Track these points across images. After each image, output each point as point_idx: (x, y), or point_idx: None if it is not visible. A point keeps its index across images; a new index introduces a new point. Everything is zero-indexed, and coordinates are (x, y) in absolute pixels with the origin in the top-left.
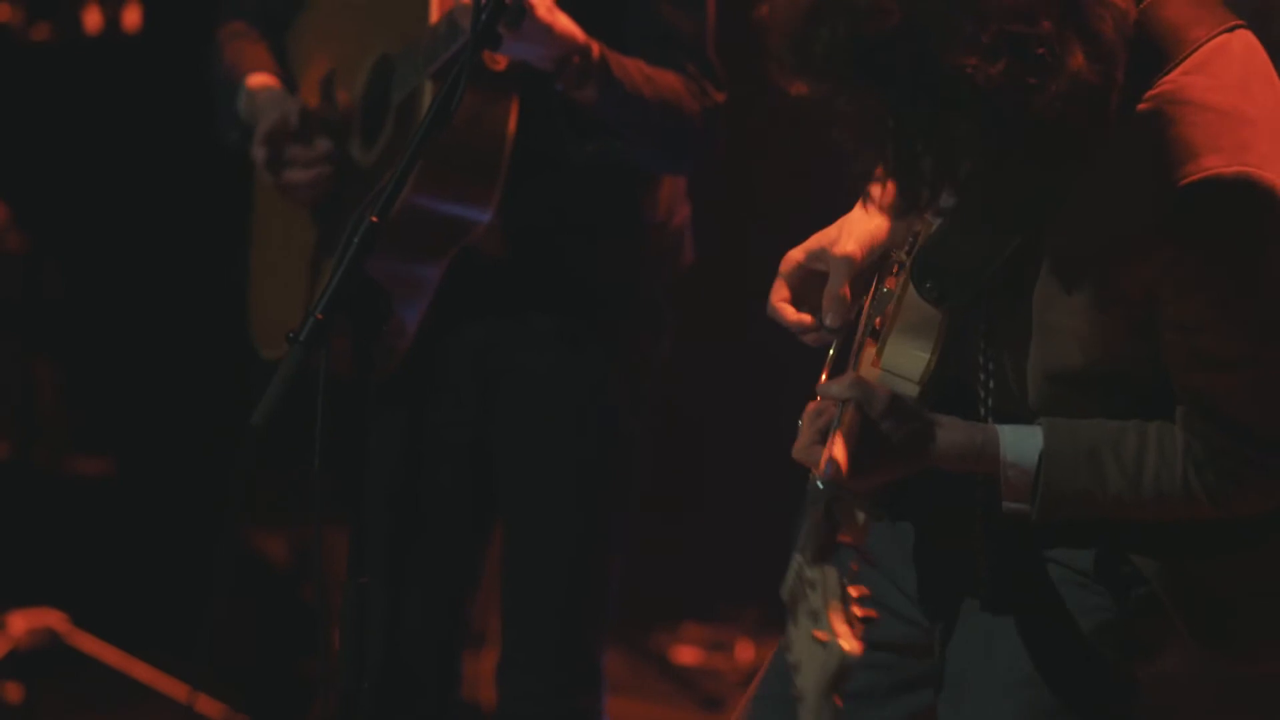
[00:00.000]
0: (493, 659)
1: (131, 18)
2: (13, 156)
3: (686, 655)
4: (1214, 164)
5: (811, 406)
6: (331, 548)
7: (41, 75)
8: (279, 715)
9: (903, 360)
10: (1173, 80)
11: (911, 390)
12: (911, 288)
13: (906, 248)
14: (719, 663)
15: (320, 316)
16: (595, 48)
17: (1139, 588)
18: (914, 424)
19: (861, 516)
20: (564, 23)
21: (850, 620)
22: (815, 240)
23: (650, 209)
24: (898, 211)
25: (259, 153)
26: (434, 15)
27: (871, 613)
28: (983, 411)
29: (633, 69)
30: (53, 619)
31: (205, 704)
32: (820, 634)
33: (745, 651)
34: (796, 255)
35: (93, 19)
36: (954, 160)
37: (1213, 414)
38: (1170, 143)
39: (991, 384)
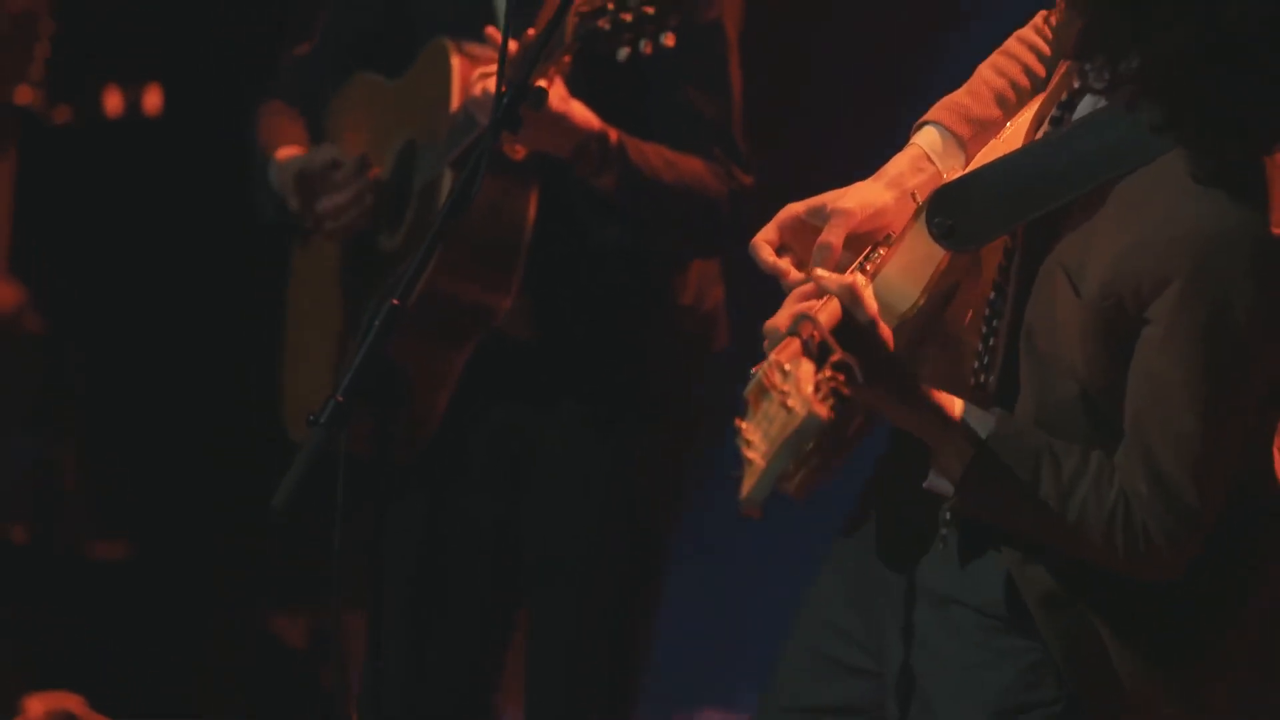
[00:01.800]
0: None
1: (152, 100)
2: (33, 238)
3: None
4: (1235, 215)
5: (800, 289)
6: (351, 631)
7: (62, 157)
8: None
9: (890, 294)
10: None
11: (891, 323)
12: (918, 225)
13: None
14: None
15: (340, 399)
16: (613, 134)
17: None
18: (895, 342)
19: (815, 465)
20: (579, 111)
21: (821, 386)
22: (818, 198)
23: (679, 292)
24: (1070, 52)
25: (292, 197)
26: (455, 104)
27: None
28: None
29: (652, 154)
30: (71, 703)
31: None
32: (791, 401)
33: None
34: (796, 208)
35: (113, 101)
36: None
37: (1147, 460)
38: (1262, 189)
39: (985, 364)
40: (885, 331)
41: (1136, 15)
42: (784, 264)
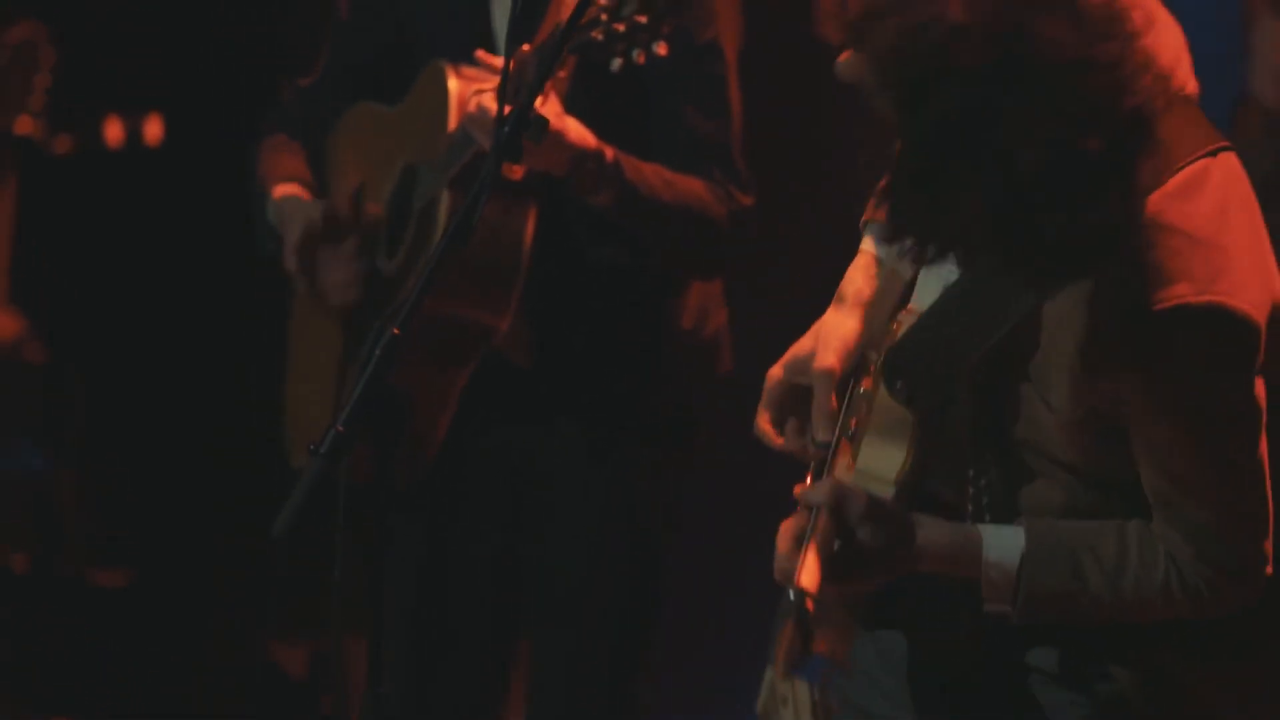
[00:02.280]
0: None
1: (153, 130)
2: (34, 268)
3: None
4: (1184, 292)
5: (787, 522)
6: (351, 658)
7: (63, 187)
8: None
9: (877, 462)
10: (1155, 202)
11: (887, 492)
12: (877, 401)
13: (882, 348)
14: None
15: (340, 429)
16: (609, 152)
17: (1105, 683)
18: (892, 526)
19: (841, 625)
20: (574, 128)
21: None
22: (792, 354)
23: (679, 315)
24: (884, 237)
25: (292, 263)
26: (452, 124)
27: None
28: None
29: (650, 173)
30: None
31: None
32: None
33: None
34: (776, 373)
35: (114, 131)
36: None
37: (1179, 523)
38: (1145, 267)
39: (982, 487)
40: (886, 507)
41: (931, 187)
42: (796, 444)
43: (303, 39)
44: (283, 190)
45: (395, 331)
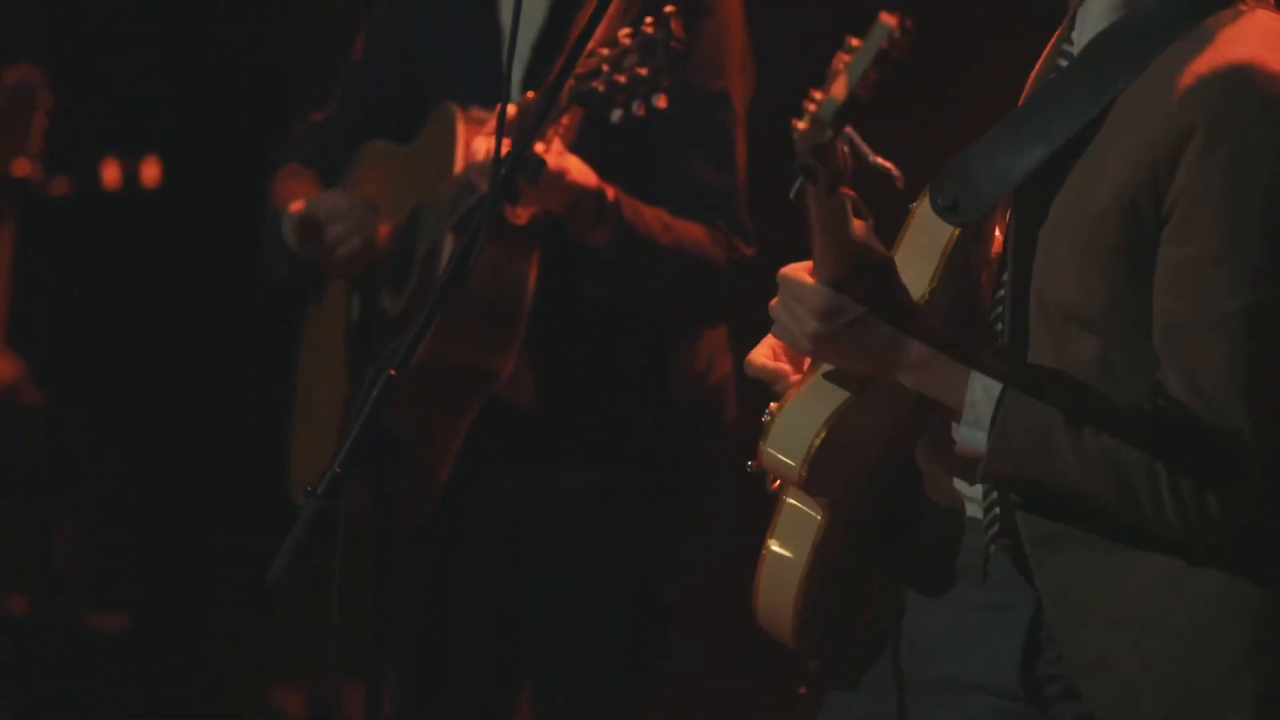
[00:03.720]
0: None
1: (150, 172)
2: (32, 311)
3: None
4: (1264, 56)
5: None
6: (352, 702)
7: (60, 230)
8: None
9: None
10: (1214, 18)
11: None
12: (921, 213)
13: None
14: None
15: (337, 470)
16: (609, 192)
17: (1068, 704)
18: (895, 299)
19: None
20: (575, 166)
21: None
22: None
23: (688, 361)
24: None
25: (295, 233)
26: (458, 167)
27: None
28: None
29: (650, 215)
30: None
31: None
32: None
33: None
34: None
35: (111, 174)
36: None
37: (1182, 372)
38: (1216, 41)
39: (1007, 315)
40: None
41: None
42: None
43: (300, 82)
44: (298, 205)
45: (392, 373)
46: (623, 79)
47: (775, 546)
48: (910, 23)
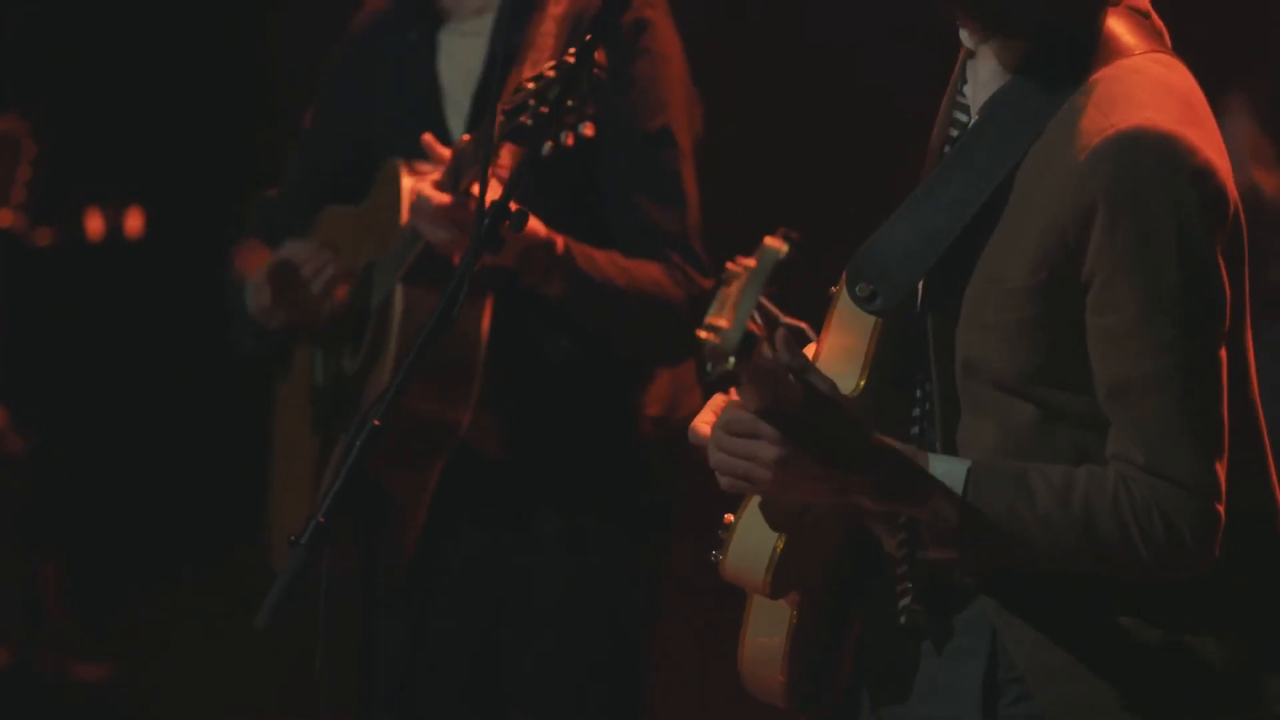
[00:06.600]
0: None
1: (134, 223)
2: (15, 360)
3: None
4: (1154, 118)
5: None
6: None
7: (44, 280)
8: None
9: (834, 374)
10: (1135, 59)
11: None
12: (839, 307)
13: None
14: None
15: (321, 519)
16: (559, 241)
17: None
18: (848, 419)
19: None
20: (529, 223)
21: None
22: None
23: (649, 403)
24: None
25: (264, 292)
26: (404, 218)
27: None
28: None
29: (603, 260)
30: None
31: None
32: None
33: None
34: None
35: (95, 224)
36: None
37: (1129, 428)
38: (1116, 98)
39: (935, 389)
40: (842, 405)
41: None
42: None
43: (282, 132)
44: (264, 264)
45: (376, 423)
46: (546, 110)
47: (752, 636)
48: (797, 234)
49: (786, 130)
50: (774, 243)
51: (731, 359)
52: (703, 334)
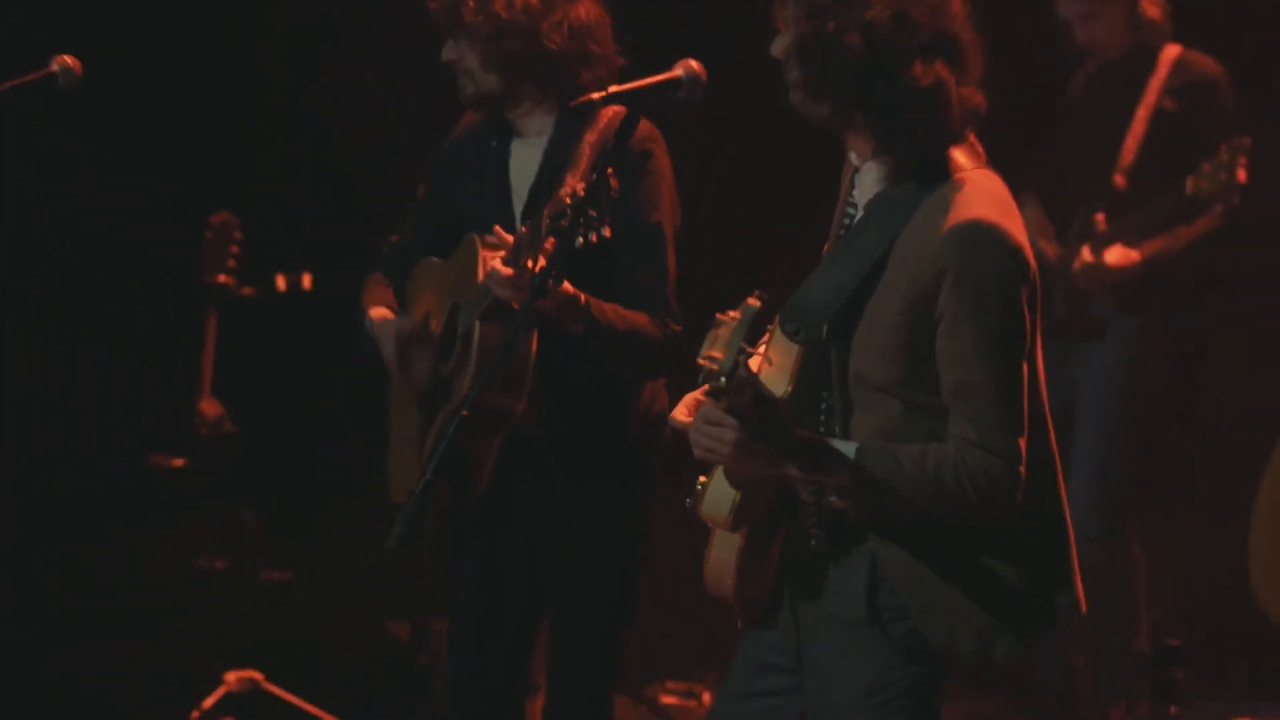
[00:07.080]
0: (540, 703)
1: (307, 281)
2: (228, 375)
3: (669, 699)
4: (985, 214)
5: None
6: (439, 631)
7: (248, 321)
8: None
9: (769, 386)
10: (965, 173)
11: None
12: (775, 339)
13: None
14: (692, 705)
15: (429, 477)
16: (582, 297)
17: (901, 624)
18: (778, 417)
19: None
20: (563, 285)
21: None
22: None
23: (637, 402)
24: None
25: (391, 361)
26: (480, 277)
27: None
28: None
29: (609, 311)
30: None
31: None
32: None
33: (709, 699)
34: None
35: (281, 282)
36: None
37: (965, 413)
38: (960, 201)
39: (826, 409)
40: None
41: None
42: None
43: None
44: (376, 312)
45: (464, 414)
46: (579, 217)
47: (715, 554)
48: (767, 295)
49: (748, 212)
50: (753, 301)
51: (723, 379)
52: (703, 361)
